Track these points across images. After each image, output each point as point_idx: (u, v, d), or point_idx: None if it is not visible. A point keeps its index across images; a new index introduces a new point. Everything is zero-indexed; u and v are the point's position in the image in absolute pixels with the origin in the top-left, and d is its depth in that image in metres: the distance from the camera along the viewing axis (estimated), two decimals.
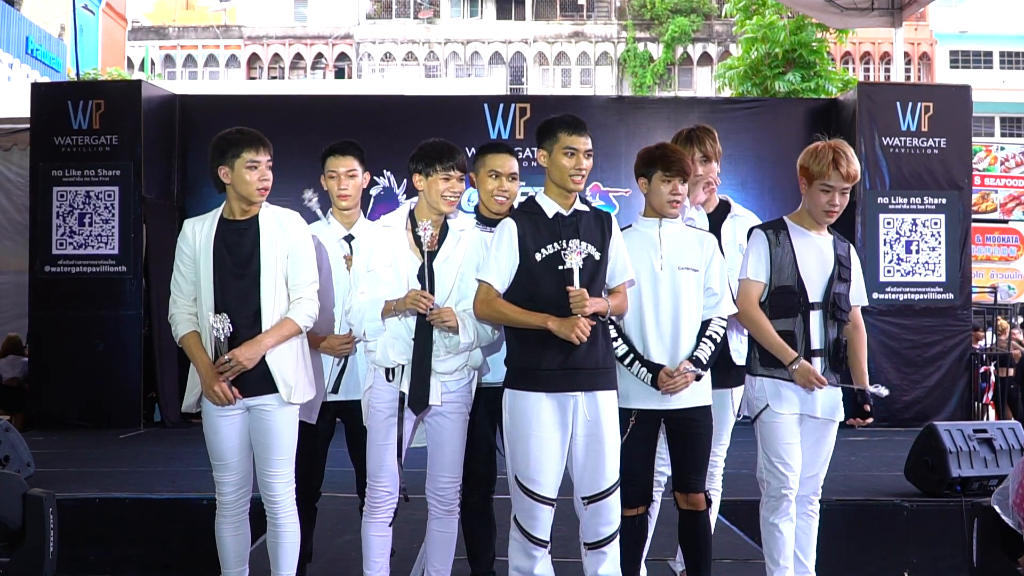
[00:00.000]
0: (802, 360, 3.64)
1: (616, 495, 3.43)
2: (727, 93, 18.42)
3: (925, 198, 9.23)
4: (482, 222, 3.87)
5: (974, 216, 11.21)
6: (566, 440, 3.41)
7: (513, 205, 3.90)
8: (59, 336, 8.86)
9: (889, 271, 9.13)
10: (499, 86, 28.74)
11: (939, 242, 9.21)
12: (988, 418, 10.26)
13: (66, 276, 8.92)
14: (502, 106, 9.55)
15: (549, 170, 3.48)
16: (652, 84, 37.62)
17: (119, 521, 5.53)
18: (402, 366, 3.53)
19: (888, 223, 9.17)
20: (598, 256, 3.43)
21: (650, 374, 3.54)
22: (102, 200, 8.93)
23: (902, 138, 9.23)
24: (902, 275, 9.17)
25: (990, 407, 10.82)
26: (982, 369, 10.42)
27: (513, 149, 3.96)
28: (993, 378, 10.74)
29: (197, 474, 6.24)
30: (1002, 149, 17.97)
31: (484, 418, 3.84)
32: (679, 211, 3.70)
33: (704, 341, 3.62)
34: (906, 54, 34.12)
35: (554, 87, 38.16)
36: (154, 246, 9.00)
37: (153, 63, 37.09)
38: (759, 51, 17.43)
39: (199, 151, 9.36)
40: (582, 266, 3.36)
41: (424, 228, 3.49)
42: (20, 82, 16.21)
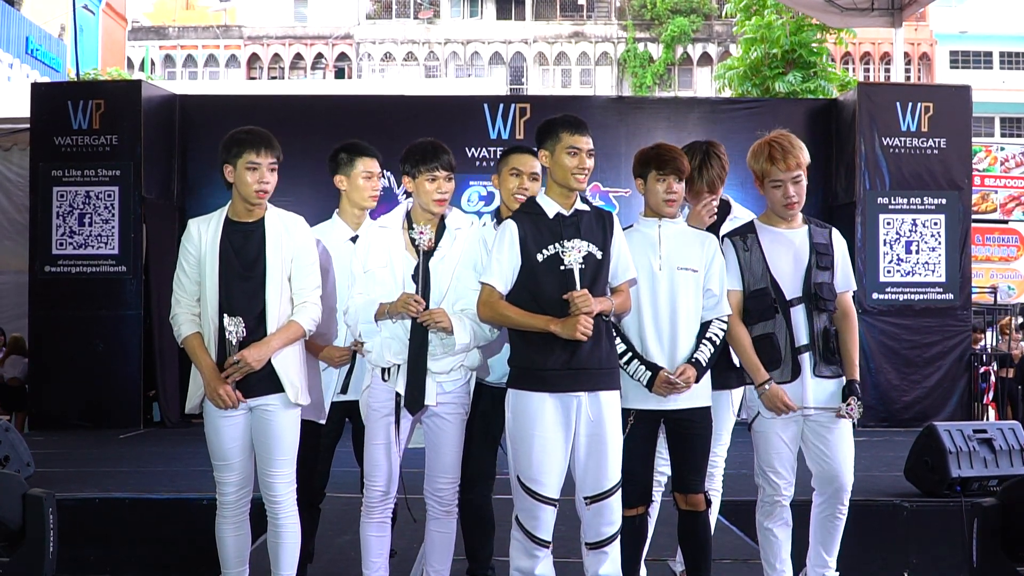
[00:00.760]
0: (772, 384, 3.65)
1: (618, 495, 3.43)
2: (727, 93, 18.41)
3: (925, 198, 9.23)
4: (501, 222, 3.88)
5: (974, 216, 11.21)
6: (569, 440, 3.41)
7: None
8: (59, 336, 8.86)
9: (889, 271, 9.13)
10: (499, 86, 28.79)
11: (939, 242, 9.21)
12: (988, 419, 10.26)
13: (66, 276, 8.92)
14: (502, 106, 9.56)
15: (551, 170, 3.49)
16: (652, 84, 37.61)
17: (119, 521, 5.53)
18: (398, 366, 3.54)
19: (888, 223, 9.17)
20: (600, 255, 3.43)
21: (648, 372, 3.54)
22: (102, 200, 8.94)
23: (902, 138, 9.23)
24: (902, 275, 9.17)
25: (990, 407, 10.82)
26: (982, 369, 10.42)
27: (534, 151, 3.95)
28: (993, 378, 10.74)
29: (197, 474, 6.24)
30: (1002, 149, 17.96)
31: (491, 416, 3.84)
32: (676, 209, 3.70)
33: (704, 343, 3.62)
34: (906, 54, 34.11)
35: (554, 87, 38.16)
36: (154, 246, 9.01)
37: (153, 63, 37.09)
38: (759, 51, 17.43)
39: (199, 151, 9.40)
40: (583, 265, 3.37)
41: (421, 232, 3.50)
42: (20, 82, 16.21)
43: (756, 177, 3.77)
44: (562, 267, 3.36)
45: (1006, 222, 16.15)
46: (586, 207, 3.51)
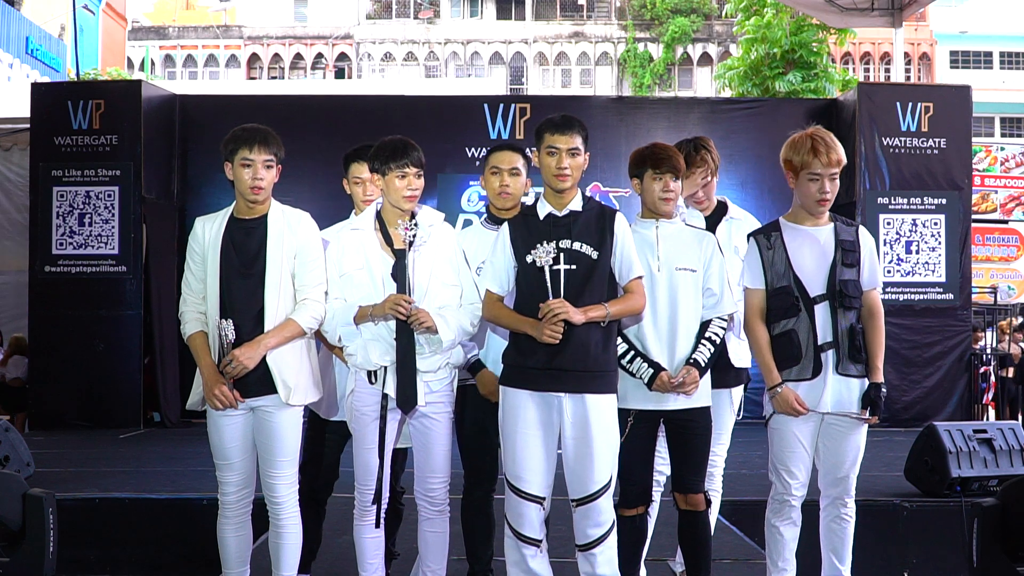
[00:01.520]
0: (784, 387, 3.62)
1: (606, 497, 3.41)
2: (727, 93, 18.42)
3: (925, 198, 9.24)
4: (491, 220, 3.90)
5: (974, 216, 11.22)
6: (552, 439, 3.41)
7: (522, 202, 3.90)
8: (59, 336, 8.87)
9: (889, 271, 9.13)
10: (499, 86, 28.78)
11: (939, 242, 9.21)
12: (988, 419, 10.26)
13: (66, 276, 8.93)
14: (502, 106, 9.56)
15: (541, 172, 3.51)
16: (652, 84, 37.62)
17: (119, 521, 5.53)
18: (385, 368, 3.51)
19: (888, 223, 9.18)
20: (595, 255, 3.41)
21: (651, 370, 3.53)
22: (102, 200, 8.94)
23: (902, 138, 9.23)
24: (902, 275, 9.17)
25: (990, 407, 10.83)
26: (982, 369, 10.43)
27: (519, 147, 3.94)
28: (993, 378, 10.75)
29: (197, 474, 6.24)
30: (1002, 149, 17.98)
31: (483, 416, 3.83)
32: (673, 208, 3.69)
33: (703, 343, 3.61)
34: (906, 54, 34.13)
35: (554, 87, 38.16)
36: (154, 246, 9.00)
37: (153, 63, 37.10)
38: (759, 51, 17.43)
39: (199, 151, 9.40)
40: (574, 268, 3.36)
41: (406, 228, 3.47)
42: (20, 82, 16.22)
43: (790, 169, 3.72)
44: (538, 269, 3.36)
45: (1006, 222, 16.16)
46: (584, 207, 3.49)
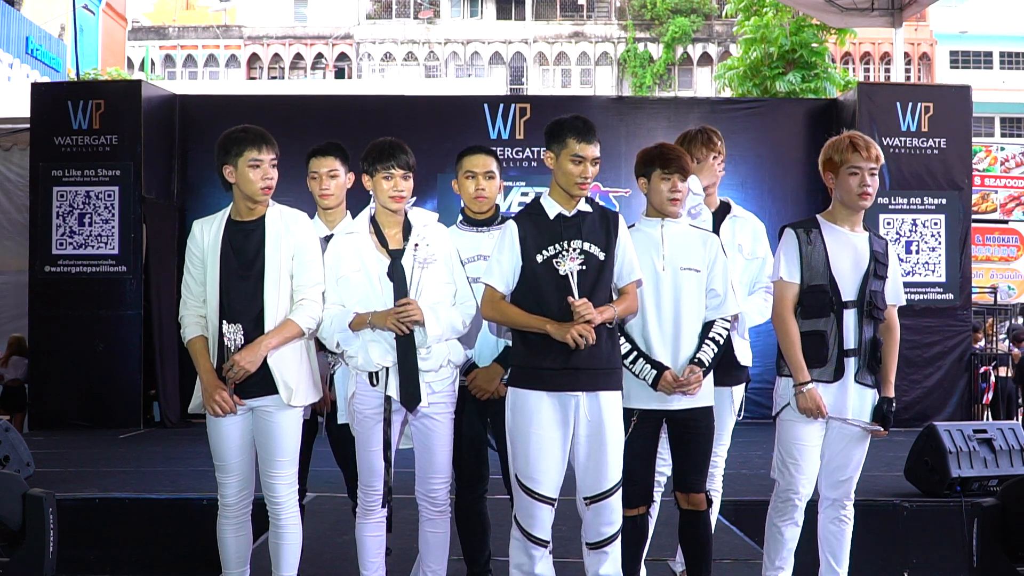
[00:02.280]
0: (811, 387, 3.62)
1: (618, 495, 3.43)
2: (727, 93, 18.43)
3: (925, 198, 9.23)
4: (468, 223, 3.92)
5: (974, 216, 11.22)
6: (567, 440, 3.40)
7: (496, 203, 3.92)
8: (59, 336, 8.86)
9: None
10: (499, 86, 28.82)
11: (939, 242, 9.21)
12: (988, 419, 10.25)
13: (66, 276, 8.92)
14: (502, 106, 9.56)
15: (555, 173, 3.48)
16: (652, 84, 37.63)
17: (119, 521, 5.53)
18: (386, 368, 3.52)
19: (888, 223, 9.17)
20: (602, 256, 3.42)
21: (654, 371, 3.53)
22: (102, 200, 8.94)
23: (902, 138, 9.23)
24: (902, 275, 9.11)
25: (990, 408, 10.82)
26: (982, 369, 10.42)
27: (490, 149, 3.96)
28: (993, 378, 10.74)
29: (197, 474, 6.24)
30: (1002, 149, 17.99)
31: (475, 416, 3.84)
32: (680, 209, 3.69)
33: (707, 343, 3.61)
34: (906, 54, 34.13)
35: (554, 87, 38.18)
36: (154, 246, 9.00)
37: (153, 63, 37.11)
38: (759, 51, 17.43)
39: (199, 151, 9.40)
40: (584, 268, 3.37)
41: (415, 245, 3.52)
42: (20, 82, 16.21)
43: (830, 169, 3.70)
44: (560, 273, 3.36)
45: (1006, 222, 16.18)
46: (590, 208, 3.50)
